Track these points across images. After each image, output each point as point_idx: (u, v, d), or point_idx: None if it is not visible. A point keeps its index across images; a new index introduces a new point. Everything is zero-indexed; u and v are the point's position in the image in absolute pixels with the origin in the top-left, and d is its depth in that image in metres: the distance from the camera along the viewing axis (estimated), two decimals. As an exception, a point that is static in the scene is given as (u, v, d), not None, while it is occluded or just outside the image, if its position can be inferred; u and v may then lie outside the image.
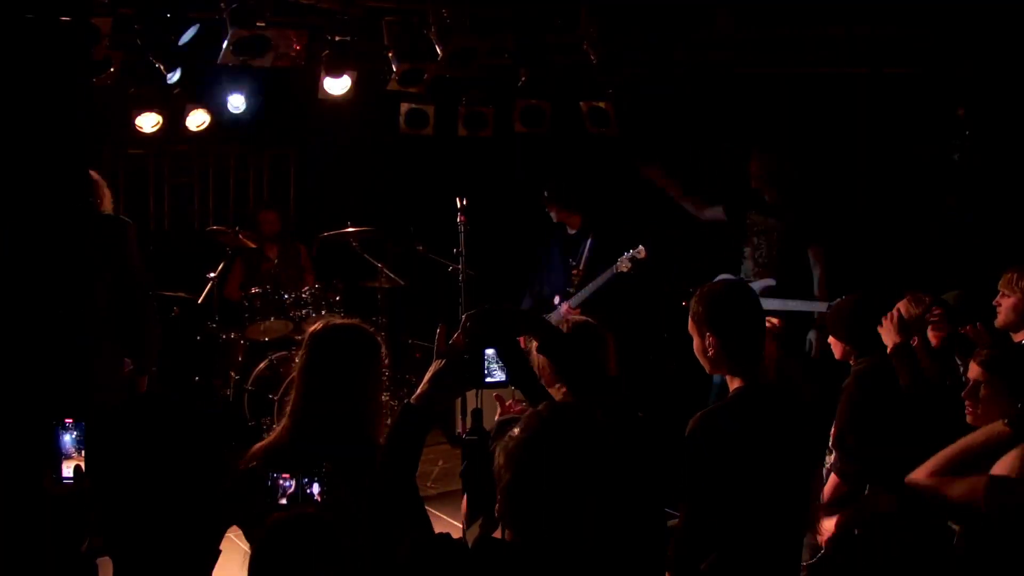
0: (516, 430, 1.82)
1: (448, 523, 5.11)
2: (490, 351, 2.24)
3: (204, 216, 7.93)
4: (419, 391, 2.29)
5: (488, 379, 2.26)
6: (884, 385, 3.77)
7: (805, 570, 3.73)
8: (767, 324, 3.28)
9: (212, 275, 6.66)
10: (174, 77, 5.64)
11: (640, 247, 6.00)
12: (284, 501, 2.51)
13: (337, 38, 5.88)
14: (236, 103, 6.25)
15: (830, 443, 3.67)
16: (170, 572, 1.65)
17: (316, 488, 2.48)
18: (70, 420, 2.26)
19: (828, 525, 3.54)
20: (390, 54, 5.76)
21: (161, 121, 6.08)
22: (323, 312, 6.60)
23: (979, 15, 5.12)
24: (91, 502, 1.75)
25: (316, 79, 6.13)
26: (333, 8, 5.51)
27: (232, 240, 6.80)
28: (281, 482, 2.49)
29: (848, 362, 3.97)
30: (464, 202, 6.09)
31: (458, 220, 6.10)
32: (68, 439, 2.27)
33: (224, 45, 5.28)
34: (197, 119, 6.39)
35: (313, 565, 2.11)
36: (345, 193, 7.54)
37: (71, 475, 2.27)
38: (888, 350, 3.55)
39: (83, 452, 2.27)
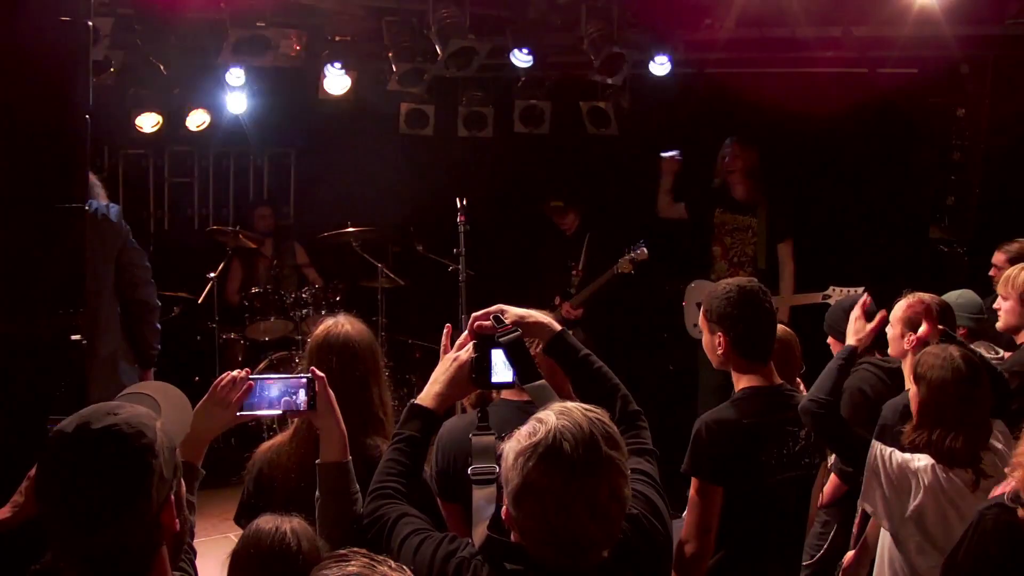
0: (525, 432, 1.81)
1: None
2: (497, 351, 2.24)
3: (204, 216, 7.93)
4: (425, 390, 2.29)
5: (494, 379, 2.26)
6: (884, 385, 3.77)
7: (805, 570, 3.73)
8: None
9: (212, 275, 6.66)
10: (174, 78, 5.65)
11: (642, 249, 5.99)
12: (276, 411, 2.44)
13: (337, 38, 5.90)
14: (236, 103, 6.25)
15: (830, 443, 3.66)
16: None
17: (302, 395, 2.43)
18: None
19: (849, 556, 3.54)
20: (390, 54, 5.76)
21: (161, 121, 6.09)
22: (323, 312, 6.60)
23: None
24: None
25: (316, 79, 6.14)
26: (333, 8, 5.51)
27: (232, 240, 6.80)
28: (266, 392, 2.43)
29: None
30: (464, 202, 6.09)
31: (458, 220, 6.09)
32: None
33: (224, 45, 5.29)
34: (197, 119, 6.40)
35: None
36: (345, 193, 7.53)
37: None
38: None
39: None
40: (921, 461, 2.91)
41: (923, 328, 3.40)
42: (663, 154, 6.24)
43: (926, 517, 2.87)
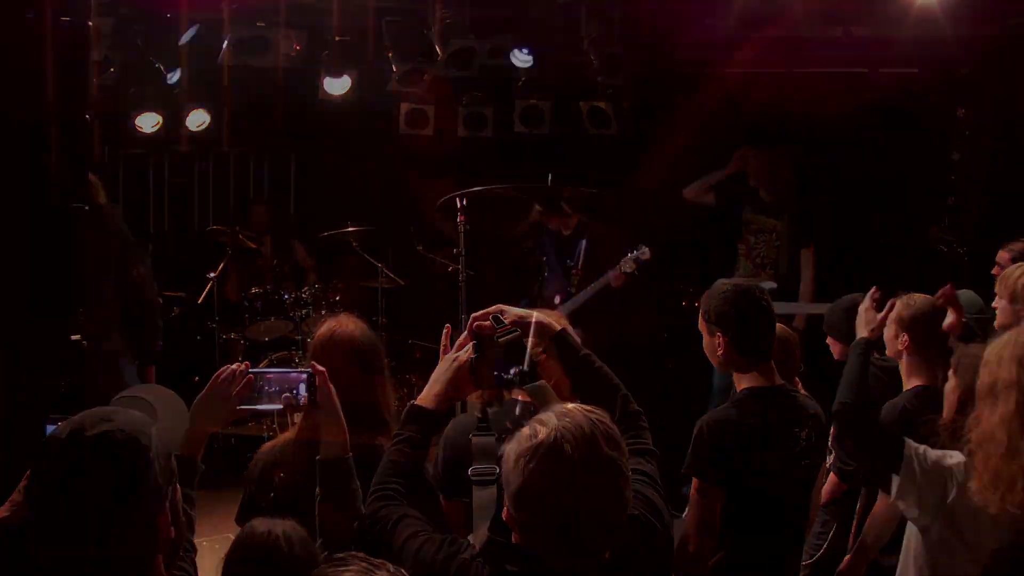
0: (526, 433, 1.81)
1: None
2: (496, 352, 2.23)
3: (204, 216, 7.93)
4: (425, 391, 2.28)
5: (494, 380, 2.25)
6: (883, 384, 3.77)
7: (805, 570, 3.73)
8: None
9: (212, 275, 6.66)
10: (174, 77, 5.64)
11: (644, 249, 5.98)
12: (276, 405, 2.38)
13: (337, 38, 5.90)
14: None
15: (829, 443, 3.66)
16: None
17: (302, 390, 2.39)
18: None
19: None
20: (390, 54, 5.76)
21: (161, 121, 6.09)
22: (323, 312, 6.60)
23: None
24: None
25: (316, 79, 6.14)
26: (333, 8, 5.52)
27: (232, 240, 6.80)
28: (266, 387, 2.39)
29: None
30: (464, 202, 6.08)
31: (458, 220, 6.09)
32: None
33: (224, 45, 5.30)
34: (197, 119, 6.40)
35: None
36: (345, 193, 7.53)
37: None
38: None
39: None
40: (953, 458, 2.91)
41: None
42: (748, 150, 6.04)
43: (956, 513, 2.87)
